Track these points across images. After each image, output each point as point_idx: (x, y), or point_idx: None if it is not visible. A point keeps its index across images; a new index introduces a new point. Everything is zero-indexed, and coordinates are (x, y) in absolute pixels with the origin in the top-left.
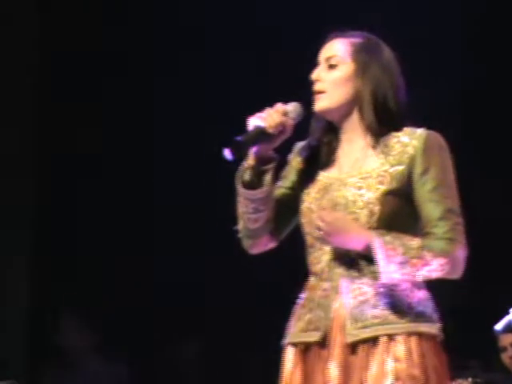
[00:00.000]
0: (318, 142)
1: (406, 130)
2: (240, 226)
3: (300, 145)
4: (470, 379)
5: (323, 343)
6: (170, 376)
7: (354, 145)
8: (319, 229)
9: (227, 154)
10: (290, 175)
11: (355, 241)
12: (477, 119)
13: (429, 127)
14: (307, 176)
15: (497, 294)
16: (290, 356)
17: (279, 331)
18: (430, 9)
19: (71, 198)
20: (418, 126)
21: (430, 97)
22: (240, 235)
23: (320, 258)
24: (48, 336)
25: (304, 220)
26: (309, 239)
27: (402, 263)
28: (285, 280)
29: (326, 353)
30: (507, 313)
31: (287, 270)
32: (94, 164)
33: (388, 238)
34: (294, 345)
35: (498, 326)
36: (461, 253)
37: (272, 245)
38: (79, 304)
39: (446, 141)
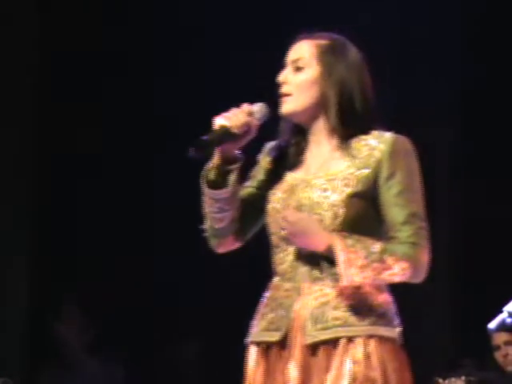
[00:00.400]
0: (287, 143)
1: (374, 132)
2: (206, 225)
3: (270, 145)
4: (463, 377)
5: (284, 343)
6: (170, 376)
7: (322, 146)
8: (283, 229)
9: (192, 153)
10: (259, 175)
11: (317, 242)
12: (477, 119)
13: (429, 127)
14: (275, 176)
15: (490, 293)
16: (252, 355)
17: None
18: (430, 9)
19: (71, 198)
20: (387, 128)
21: (430, 97)
22: (206, 234)
23: (284, 258)
24: (47, 336)
25: (269, 220)
26: (274, 239)
27: (363, 266)
28: None
29: (286, 353)
30: (501, 311)
31: None
32: (94, 164)
33: (350, 240)
34: (257, 344)
35: (492, 325)
36: (423, 257)
37: (238, 244)
38: (78, 304)
39: (413, 145)
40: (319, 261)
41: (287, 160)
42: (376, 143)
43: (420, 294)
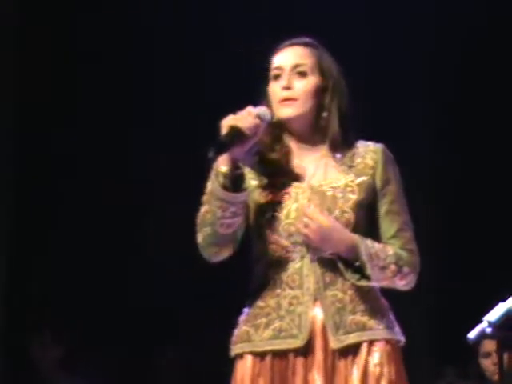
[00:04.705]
0: (268, 149)
1: (360, 142)
2: (205, 234)
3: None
4: None
5: (300, 350)
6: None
7: (312, 154)
8: (305, 226)
9: (212, 153)
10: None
11: (340, 241)
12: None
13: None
14: (264, 184)
15: (471, 301)
16: (248, 365)
17: None
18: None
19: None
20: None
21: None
22: (203, 244)
23: (286, 266)
24: (21, 349)
25: (270, 229)
26: (274, 248)
27: (383, 268)
28: None
29: (303, 360)
30: (480, 321)
31: None
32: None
33: (369, 242)
34: (257, 354)
35: (471, 335)
36: (419, 264)
37: (231, 253)
38: (50, 318)
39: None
40: (331, 266)
41: (273, 166)
42: (365, 152)
43: (399, 301)
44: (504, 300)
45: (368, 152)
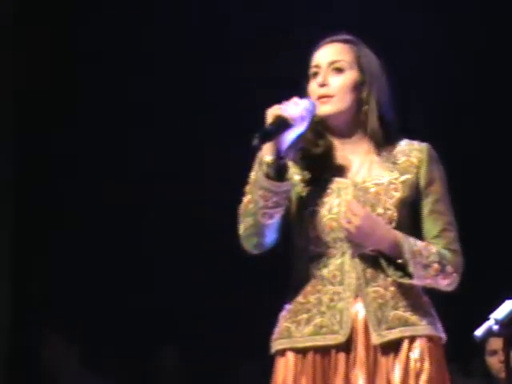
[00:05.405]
0: (310, 145)
1: (404, 140)
2: (247, 224)
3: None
4: None
5: (342, 346)
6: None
7: (355, 150)
8: (348, 222)
9: (257, 141)
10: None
11: (382, 237)
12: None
13: None
14: (307, 179)
15: (477, 299)
16: (290, 363)
17: None
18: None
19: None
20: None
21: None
22: (244, 235)
23: (327, 262)
24: (21, 349)
25: (310, 224)
26: (315, 244)
27: (426, 266)
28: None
29: (345, 356)
30: (487, 318)
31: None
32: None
33: (412, 240)
34: (298, 351)
35: (478, 332)
36: (463, 264)
37: (270, 246)
38: (50, 318)
39: None
40: (372, 262)
41: (316, 161)
42: (409, 150)
43: None
44: (511, 298)
45: (413, 150)
